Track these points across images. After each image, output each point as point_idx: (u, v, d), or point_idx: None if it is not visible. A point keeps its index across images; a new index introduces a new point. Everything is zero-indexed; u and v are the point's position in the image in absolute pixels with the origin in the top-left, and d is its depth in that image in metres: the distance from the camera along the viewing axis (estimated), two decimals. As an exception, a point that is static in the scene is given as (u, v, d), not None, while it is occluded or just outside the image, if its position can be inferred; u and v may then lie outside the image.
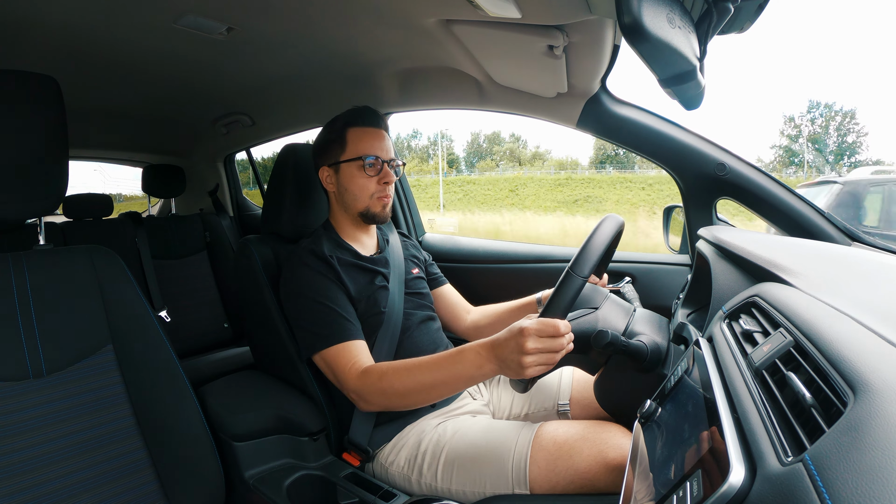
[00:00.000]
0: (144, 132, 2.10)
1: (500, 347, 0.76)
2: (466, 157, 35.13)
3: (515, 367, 0.74)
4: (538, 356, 0.72)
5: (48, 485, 0.79)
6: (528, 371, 0.73)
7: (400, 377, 0.87)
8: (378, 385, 0.88)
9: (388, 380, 0.87)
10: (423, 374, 0.85)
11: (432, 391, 0.85)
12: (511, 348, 0.74)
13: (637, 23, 0.50)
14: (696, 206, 1.21)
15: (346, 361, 0.93)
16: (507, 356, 0.75)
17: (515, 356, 0.73)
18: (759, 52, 51.73)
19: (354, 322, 1.00)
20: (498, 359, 0.77)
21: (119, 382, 0.89)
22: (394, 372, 0.88)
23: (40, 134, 0.82)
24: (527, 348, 0.72)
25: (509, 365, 0.75)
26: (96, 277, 0.90)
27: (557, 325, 0.72)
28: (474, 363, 0.80)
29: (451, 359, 0.83)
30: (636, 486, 0.52)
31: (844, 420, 0.30)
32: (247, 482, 0.96)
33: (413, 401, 0.88)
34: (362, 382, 0.90)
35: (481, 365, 0.79)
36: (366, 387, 0.89)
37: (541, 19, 0.87)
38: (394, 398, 0.88)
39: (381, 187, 1.07)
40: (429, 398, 0.86)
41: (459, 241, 1.73)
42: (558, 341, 0.73)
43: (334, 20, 1.06)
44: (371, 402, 0.90)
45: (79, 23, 1.04)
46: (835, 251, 0.82)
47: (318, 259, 1.02)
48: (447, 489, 0.91)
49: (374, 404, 0.91)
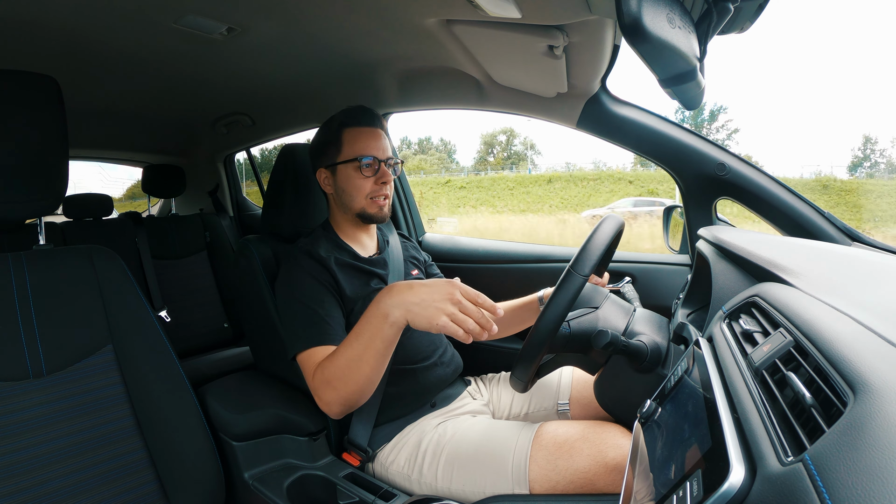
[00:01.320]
0: (144, 132, 2.10)
1: (420, 287, 0.78)
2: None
3: (431, 312, 0.75)
4: (457, 311, 0.75)
5: (48, 485, 0.79)
6: (440, 320, 0.74)
7: (332, 362, 0.85)
8: (321, 377, 0.86)
9: (326, 369, 0.85)
10: (346, 349, 0.84)
11: (362, 363, 0.82)
12: (439, 292, 0.76)
13: (637, 23, 0.50)
14: (696, 206, 1.21)
15: (312, 364, 0.90)
16: (429, 297, 0.76)
17: (439, 301, 0.75)
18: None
19: (335, 327, 0.96)
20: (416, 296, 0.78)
21: (119, 382, 0.89)
22: (328, 359, 0.86)
23: (40, 134, 0.82)
24: (454, 297, 0.75)
25: (424, 308, 0.76)
26: (96, 277, 0.90)
27: (481, 294, 0.77)
28: (381, 313, 0.80)
29: (362, 320, 0.83)
30: (636, 486, 0.52)
31: (844, 420, 0.30)
32: (247, 482, 0.96)
33: (355, 381, 0.83)
34: (314, 380, 0.88)
35: (388, 312, 0.79)
36: (315, 383, 0.87)
37: (541, 19, 0.87)
38: (338, 386, 0.84)
39: (378, 187, 1.07)
40: (369, 372, 0.83)
41: (459, 241, 1.73)
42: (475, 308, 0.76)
43: (334, 20, 1.06)
44: (324, 397, 0.87)
45: (79, 23, 1.04)
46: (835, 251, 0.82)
47: (312, 260, 1.02)
48: (447, 489, 0.91)
49: (329, 400, 0.87)
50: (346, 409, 0.88)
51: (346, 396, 0.85)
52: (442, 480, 0.91)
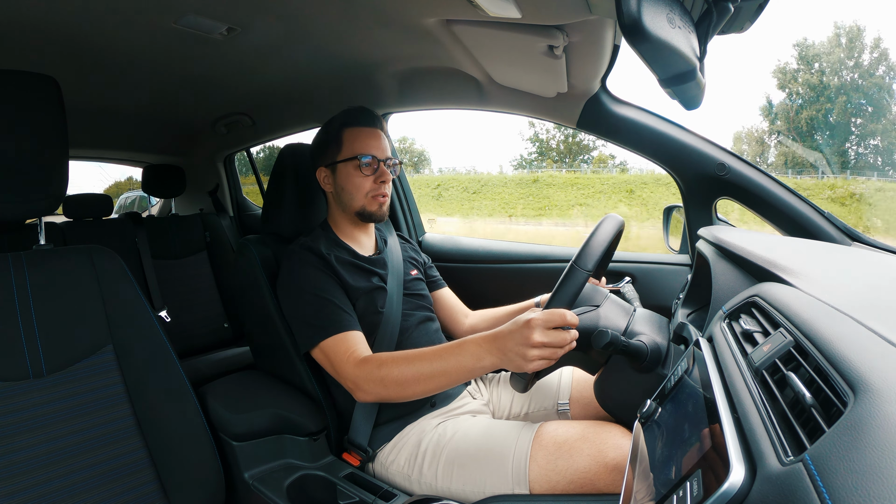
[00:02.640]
0: (144, 132, 2.10)
1: (503, 339, 0.76)
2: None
3: (518, 360, 0.74)
4: (542, 350, 0.72)
5: (48, 485, 0.79)
6: (530, 365, 0.73)
7: (399, 366, 0.86)
8: (377, 373, 0.87)
9: (387, 368, 0.87)
10: (422, 364, 0.84)
11: (430, 382, 0.84)
12: (516, 340, 0.74)
13: (637, 23, 0.50)
14: (696, 206, 1.21)
15: (345, 350, 0.93)
16: (511, 348, 0.74)
17: (520, 348, 0.73)
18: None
19: (352, 314, 1.00)
20: (500, 351, 0.76)
21: (119, 382, 0.89)
22: (393, 361, 0.87)
23: (40, 134, 0.82)
24: (532, 340, 0.72)
25: (512, 358, 0.74)
26: (96, 277, 0.90)
27: (565, 315, 0.73)
28: (475, 355, 0.79)
29: (451, 350, 0.83)
30: (636, 485, 0.52)
31: (844, 420, 0.30)
32: (247, 482, 0.96)
33: (411, 392, 0.86)
34: (360, 370, 0.89)
35: (481, 357, 0.79)
36: (364, 374, 0.89)
37: (541, 19, 0.87)
38: (392, 387, 0.86)
39: (377, 186, 1.08)
40: (426, 390, 0.85)
41: (459, 241, 1.73)
42: (563, 335, 0.73)
43: (334, 20, 1.06)
44: (368, 390, 0.89)
45: (79, 23, 1.04)
46: (835, 251, 0.82)
47: (314, 255, 1.03)
48: (447, 489, 0.91)
49: (370, 393, 0.89)
50: (377, 402, 0.95)
51: (391, 397, 0.89)
52: (442, 480, 0.91)
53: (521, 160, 27.30)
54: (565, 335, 0.73)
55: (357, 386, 0.90)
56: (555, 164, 25.20)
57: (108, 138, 2.14)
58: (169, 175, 2.22)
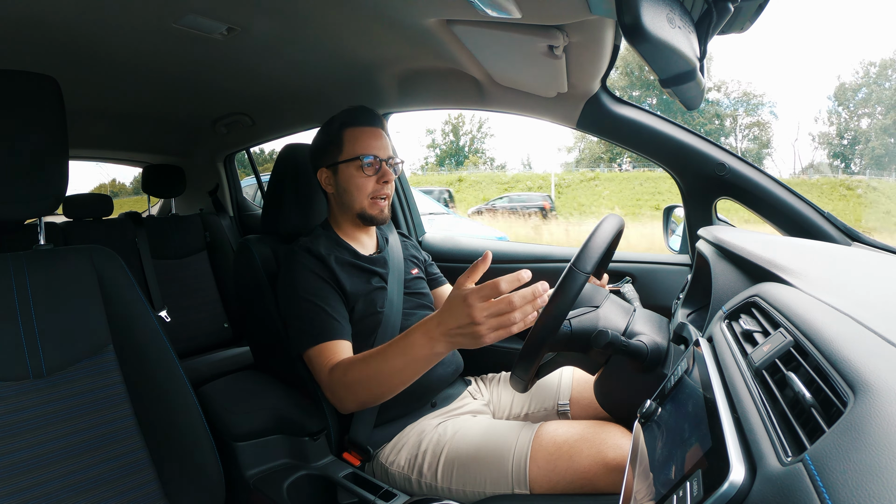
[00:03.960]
0: (144, 132, 2.10)
1: (444, 323, 0.74)
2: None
3: (470, 340, 0.72)
4: (491, 321, 0.70)
5: (48, 485, 0.79)
6: (486, 339, 0.70)
7: (359, 368, 0.86)
8: (343, 379, 0.87)
9: (350, 373, 0.86)
10: (378, 362, 0.83)
11: (394, 378, 0.82)
12: (458, 320, 0.71)
13: (637, 23, 0.50)
14: (696, 206, 1.21)
15: (324, 360, 0.93)
16: (458, 330, 0.72)
17: (467, 328, 0.71)
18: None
19: (342, 322, 0.99)
20: (448, 335, 0.74)
21: (119, 382, 0.89)
22: (354, 365, 0.87)
23: (40, 134, 0.82)
24: (475, 317, 0.69)
25: (463, 338, 0.73)
26: (96, 277, 0.90)
27: (497, 283, 0.69)
28: (424, 345, 0.77)
29: (401, 344, 0.81)
30: (636, 486, 0.52)
31: (844, 420, 0.30)
32: (247, 482, 0.96)
33: (379, 391, 0.85)
34: (331, 378, 0.89)
35: (432, 344, 0.77)
36: (333, 382, 0.89)
37: (541, 19, 0.87)
38: (359, 391, 0.86)
39: (380, 186, 1.07)
40: (393, 385, 0.83)
41: (459, 241, 1.73)
42: (505, 301, 0.69)
43: (334, 20, 1.06)
44: (341, 397, 0.89)
45: (79, 23, 1.03)
46: (835, 251, 0.82)
47: (313, 257, 1.02)
48: (447, 489, 0.91)
49: (345, 400, 0.89)
50: (359, 409, 0.92)
51: (364, 401, 0.89)
52: (442, 480, 0.91)
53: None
54: (507, 299, 0.69)
55: (332, 394, 0.90)
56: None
57: (108, 138, 2.15)
58: (169, 175, 2.22)
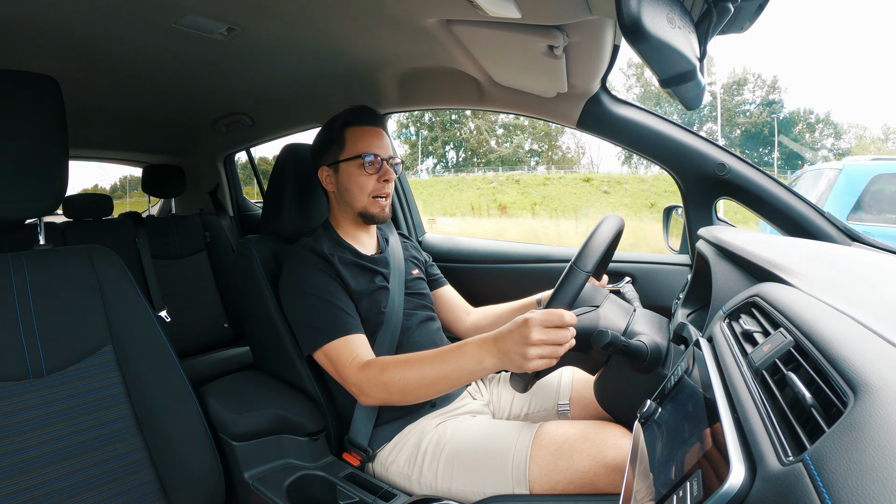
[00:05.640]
0: (144, 132, 2.10)
1: (503, 340, 0.77)
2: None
3: (518, 360, 0.74)
4: (542, 348, 0.73)
5: (48, 485, 0.79)
6: (531, 364, 0.73)
7: (401, 371, 0.87)
8: (379, 378, 0.88)
9: (389, 373, 0.87)
10: (424, 368, 0.85)
11: (433, 386, 0.85)
12: (515, 340, 0.74)
13: (637, 23, 0.50)
14: (696, 206, 1.21)
15: (348, 355, 0.94)
16: (511, 348, 0.75)
17: (519, 348, 0.73)
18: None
19: (355, 316, 1.00)
20: (500, 352, 0.77)
21: (119, 382, 0.89)
22: (395, 365, 0.88)
23: (40, 134, 0.82)
24: (531, 339, 0.72)
25: (512, 358, 0.75)
26: (96, 277, 0.90)
27: (562, 314, 0.73)
28: (476, 357, 0.80)
29: (452, 353, 0.83)
30: (636, 486, 0.52)
31: (844, 420, 0.30)
32: (247, 482, 0.96)
33: (414, 395, 0.87)
34: (363, 375, 0.90)
35: (482, 359, 0.79)
36: (367, 379, 0.89)
37: (541, 19, 0.87)
38: (394, 392, 0.87)
39: (380, 185, 1.08)
40: (429, 393, 0.86)
41: (459, 241, 1.73)
42: (562, 333, 0.73)
43: (334, 20, 1.06)
44: (371, 395, 0.90)
45: (79, 23, 1.04)
46: (835, 251, 0.82)
47: (317, 256, 1.02)
48: (447, 489, 0.91)
49: (374, 398, 0.90)
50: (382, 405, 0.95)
51: (394, 401, 0.89)
52: (442, 480, 0.91)
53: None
54: (564, 333, 0.74)
55: (361, 391, 0.91)
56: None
57: (108, 138, 2.14)
58: (169, 175, 2.22)
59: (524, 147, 34.94)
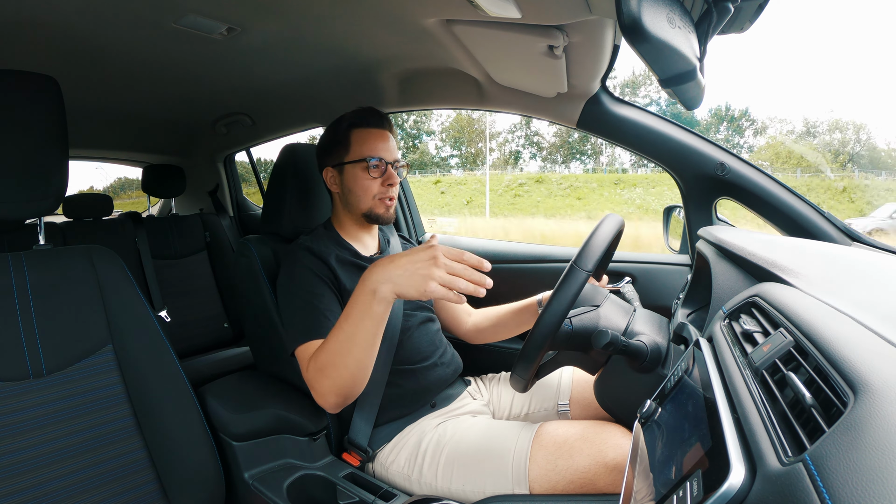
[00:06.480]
0: (144, 132, 2.10)
1: (402, 256, 0.76)
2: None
3: (418, 280, 0.73)
4: (444, 274, 0.72)
5: (48, 485, 0.79)
6: (430, 286, 0.72)
7: (323, 349, 0.84)
8: (315, 366, 0.85)
9: (318, 357, 0.84)
10: (336, 332, 0.82)
11: (351, 344, 0.80)
12: (421, 258, 0.74)
13: (637, 23, 0.50)
14: (696, 206, 1.21)
15: (308, 356, 0.90)
16: (410, 266, 0.74)
17: (424, 266, 0.73)
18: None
19: (333, 320, 0.96)
20: (398, 267, 0.75)
21: (119, 382, 0.89)
22: (320, 347, 0.85)
23: (40, 134, 0.82)
24: (439, 260, 0.73)
25: (411, 276, 0.74)
26: (96, 277, 0.90)
27: (462, 252, 0.75)
28: (368, 288, 0.77)
29: (349, 303, 0.81)
30: (636, 486, 0.52)
31: (844, 420, 0.30)
32: (247, 482, 0.96)
33: (344, 365, 0.82)
34: (307, 370, 0.87)
35: (375, 288, 0.76)
36: (310, 374, 0.86)
37: (541, 19, 0.87)
38: (331, 372, 0.83)
39: (384, 188, 1.07)
40: (355, 356, 0.81)
41: (459, 241, 1.73)
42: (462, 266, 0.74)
43: (334, 20, 1.06)
44: (318, 388, 0.85)
45: (79, 23, 1.04)
46: (835, 251, 0.82)
47: (313, 256, 1.02)
48: (447, 489, 0.91)
49: (323, 391, 0.85)
50: (341, 399, 0.85)
51: (340, 384, 0.83)
52: (442, 480, 0.91)
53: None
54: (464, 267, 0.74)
55: (311, 388, 0.87)
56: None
57: (107, 138, 2.14)
58: (169, 175, 2.22)
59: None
